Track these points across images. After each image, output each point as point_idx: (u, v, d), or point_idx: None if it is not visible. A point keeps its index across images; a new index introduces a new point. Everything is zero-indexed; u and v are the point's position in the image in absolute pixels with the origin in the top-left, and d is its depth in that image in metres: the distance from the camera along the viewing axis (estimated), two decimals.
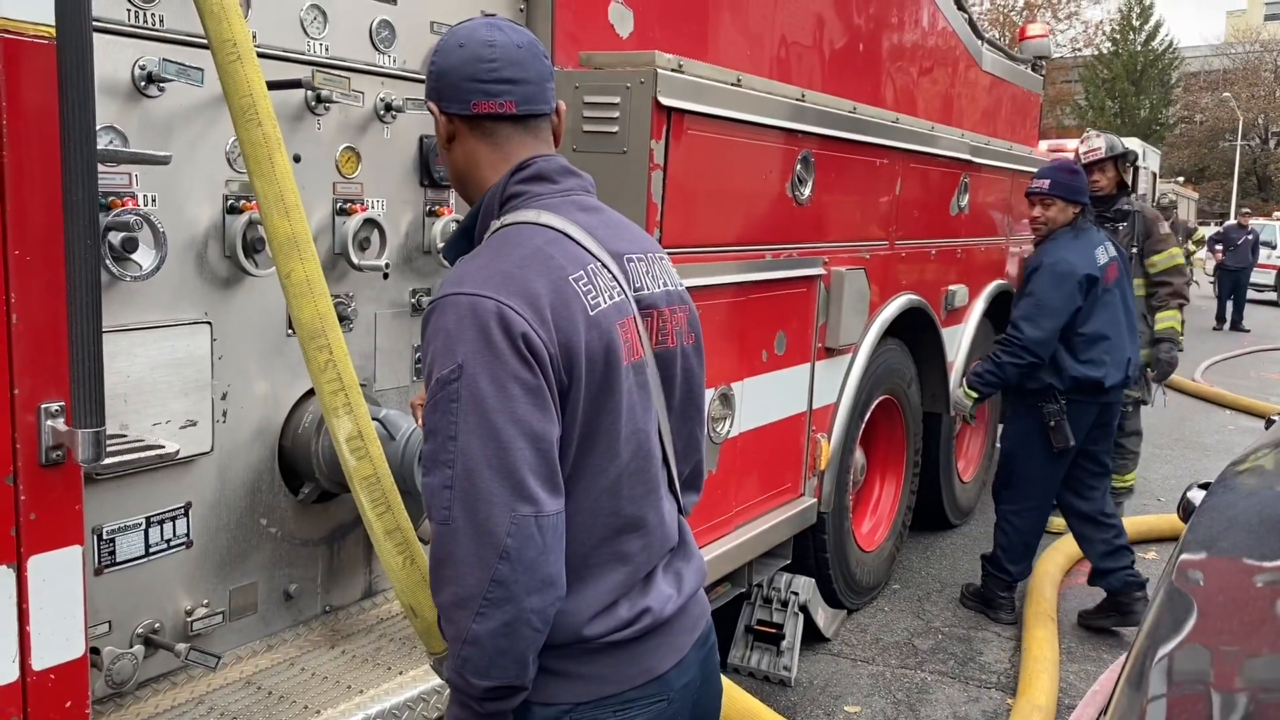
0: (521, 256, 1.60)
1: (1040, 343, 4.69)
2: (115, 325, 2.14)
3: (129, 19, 2.13)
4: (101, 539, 2.19)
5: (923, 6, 5.31)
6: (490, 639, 1.51)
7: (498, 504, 1.49)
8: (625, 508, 1.68)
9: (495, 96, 1.68)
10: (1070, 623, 5.01)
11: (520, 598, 1.51)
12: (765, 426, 3.87)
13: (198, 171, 2.31)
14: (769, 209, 3.68)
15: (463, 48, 1.69)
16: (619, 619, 1.66)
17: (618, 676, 1.67)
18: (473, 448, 1.50)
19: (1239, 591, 1.39)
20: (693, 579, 1.82)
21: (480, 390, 1.50)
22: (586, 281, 1.62)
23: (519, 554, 1.49)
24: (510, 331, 1.52)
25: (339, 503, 2.72)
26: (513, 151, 1.73)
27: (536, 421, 1.52)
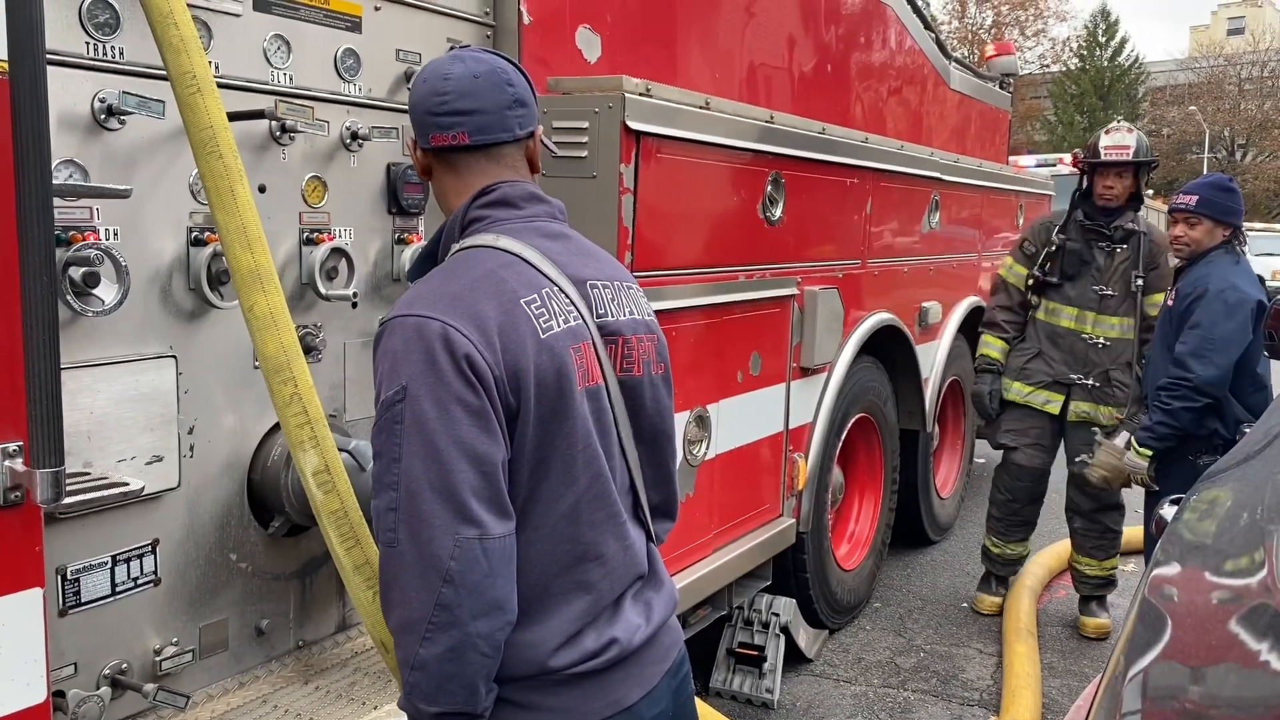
0: (472, 279, 1.61)
1: (1215, 381, 4.02)
2: (78, 361, 2.11)
3: (88, 51, 2.11)
4: (65, 579, 2.15)
5: (890, 27, 5.36)
6: (436, 664, 1.49)
7: (440, 526, 1.48)
8: (585, 534, 1.66)
9: (448, 129, 1.70)
10: (1051, 637, 5.01)
11: (465, 621, 1.49)
12: (742, 448, 3.86)
13: (161, 204, 2.28)
14: (741, 230, 3.69)
15: (425, 82, 1.72)
16: (584, 650, 1.65)
17: (585, 709, 1.65)
18: (415, 470, 1.49)
19: (1209, 607, 1.39)
20: (662, 608, 1.80)
21: (423, 412, 1.50)
22: (540, 305, 1.62)
23: (463, 577, 1.48)
24: (454, 353, 1.52)
25: (310, 536, 2.69)
26: (474, 180, 1.74)
27: (480, 444, 1.52)
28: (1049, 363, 5.03)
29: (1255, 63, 45.27)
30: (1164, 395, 4.15)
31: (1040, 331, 5.08)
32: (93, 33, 2.12)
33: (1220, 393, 4.05)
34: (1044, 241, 5.04)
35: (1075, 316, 4.99)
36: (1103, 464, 4.51)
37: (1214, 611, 1.35)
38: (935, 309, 5.66)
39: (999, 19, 42.74)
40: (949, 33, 39.95)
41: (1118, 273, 4.91)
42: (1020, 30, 43.07)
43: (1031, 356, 5.08)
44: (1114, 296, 4.92)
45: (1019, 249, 5.20)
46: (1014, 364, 5.12)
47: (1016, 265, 5.16)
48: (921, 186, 5.34)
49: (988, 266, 6.52)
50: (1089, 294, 4.95)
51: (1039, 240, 5.07)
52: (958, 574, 5.88)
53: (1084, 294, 4.96)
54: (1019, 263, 5.15)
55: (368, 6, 2.70)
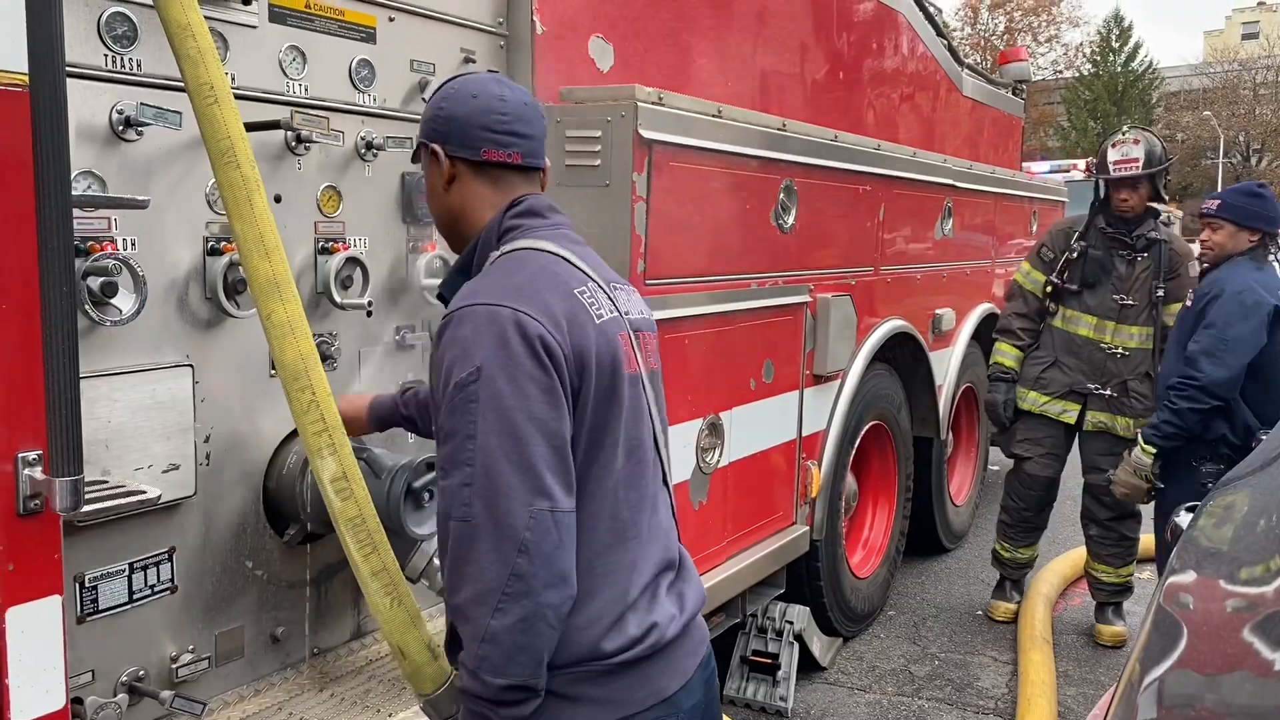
0: (529, 274, 1.69)
1: (1225, 383, 4.01)
2: (96, 370, 2.13)
3: (106, 64, 2.13)
4: (84, 587, 2.16)
5: (902, 34, 5.36)
6: (508, 634, 1.54)
7: (516, 498, 1.54)
8: (623, 512, 1.73)
9: (505, 147, 1.80)
10: (1067, 645, 4.98)
11: (538, 592, 1.55)
12: (755, 455, 3.86)
13: (178, 214, 2.30)
14: (753, 238, 3.69)
15: (476, 98, 1.80)
16: (629, 636, 1.69)
17: (629, 698, 1.70)
18: (492, 444, 1.55)
19: (1224, 615, 1.38)
20: (693, 599, 1.86)
21: (498, 389, 1.56)
22: (589, 295, 1.73)
23: (537, 548, 1.54)
24: (526, 335, 1.59)
25: (325, 544, 2.70)
26: (509, 195, 1.83)
27: (552, 420, 1.59)
28: (1065, 371, 4.99)
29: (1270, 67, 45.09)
30: (1172, 395, 4.14)
31: (1057, 340, 5.03)
32: (111, 45, 2.14)
33: (1228, 394, 4.03)
34: (1063, 247, 4.99)
35: (1094, 325, 4.94)
36: (1124, 481, 4.46)
37: (1229, 619, 1.35)
38: (949, 316, 5.65)
39: (1012, 25, 42.69)
40: (961, 39, 39.92)
41: (1139, 281, 4.85)
42: (1033, 36, 43.01)
43: (1048, 365, 5.03)
44: (1134, 306, 4.86)
45: (1037, 255, 5.12)
46: (1029, 373, 5.07)
47: (1035, 271, 5.09)
48: (934, 193, 5.33)
49: (1001, 273, 6.51)
50: (1109, 302, 4.89)
51: (1058, 246, 5.02)
52: (972, 582, 5.86)
53: (1104, 302, 4.90)
54: (1037, 269, 5.09)
55: (382, 17, 2.72)
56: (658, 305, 3.15)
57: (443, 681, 1.93)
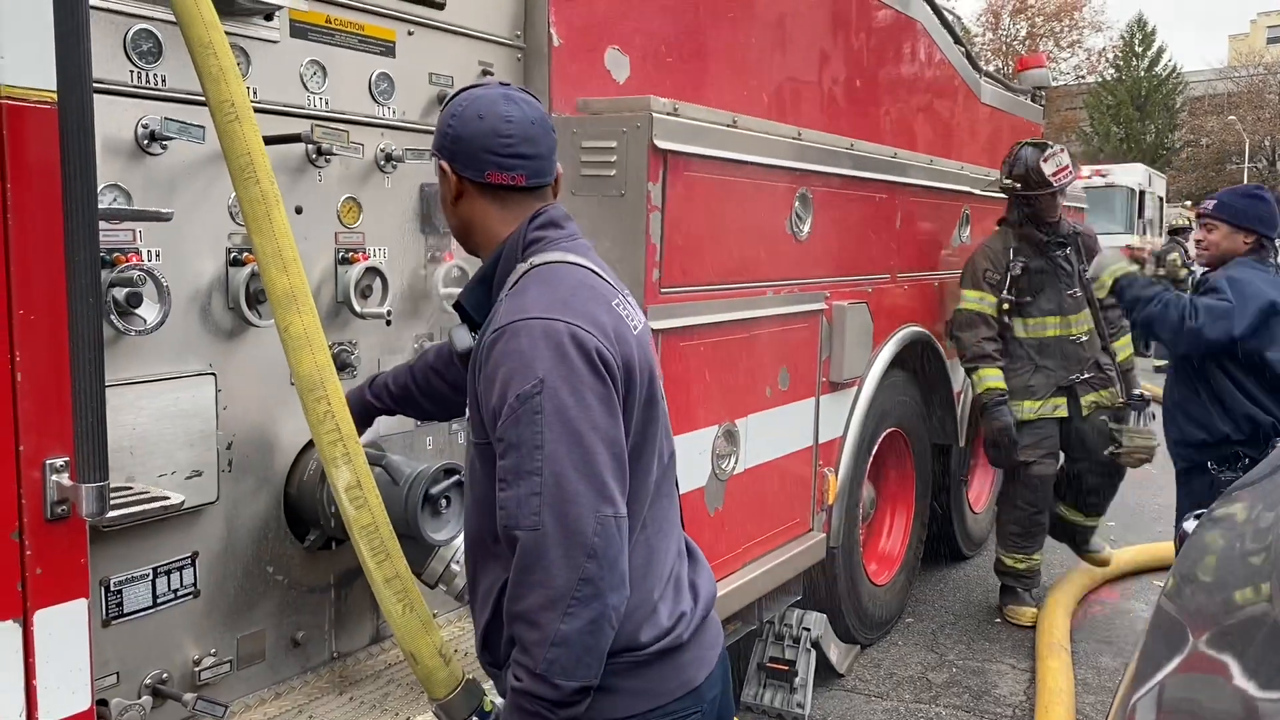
0: (570, 288, 1.75)
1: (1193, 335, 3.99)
2: (121, 379, 2.18)
3: (131, 80, 2.19)
4: (109, 590, 2.21)
5: (919, 41, 5.37)
6: (578, 636, 1.59)
7: (585, 505, 1.59)
8: (654, 509, 1.81)
9: (509, 170, 1.83)
10: (1085, 653, 4.97)
11: (606, 594, 1.60)
12: (771, 462, 3.88)
13: (201, 226, 2.35)
14: (769, 246, 3.72)
15: (482, 119, 1.82)
16: (661, 626, 1.76)
17: (661, 689, 1.76)
18: (560, 454, 1.60)
19: (1225, 621, 1.39)
20: (706, 590, 1.92)
21: (562, 400, 1.61)
22: (624, 307, 1.79)
23: (604, 552, 1.60)
24: (584, 347, 1.65)
25: (345, 549, 2.73)
26: (520, 213, 1.87)
27: (612, 428, 1.65)
28: (1047, 373, 5.24)
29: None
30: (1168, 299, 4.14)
31: (1027, 348, 5.26)
32: (136, 61, 2.19)
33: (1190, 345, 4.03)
34: (1005, 267, 5.21)
35: (1059, 323, 5.28)
36: (1132, 447, 4.71)
37: (1230, 625, 1.36)
38: None
39: (1033, 30, 42.49)
40: (983, 45, 39.79)
41: (1076, 272, 5.27)
42: (1055, 41, 42.79)
43: (1030, 372, 5.23)
44: (1078, 294, 5.28)
45: (983, 280, 5.20)
46: (1014, 385, 5.20)
47: (986, 295, 5.20)
48: (952, 200, 5.34)
49: None
50: (1065, 299, 5.27)
51: (1000, 266, 5.22)
52: (991, 589, 5.84)
53: (1061, 300, 5.27)
54: (986, 292, 5.20)
55: (401, 31, 2.77)
56: (673, 314, 3.18)
57: (455, 686, 1.97)
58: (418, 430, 2.91)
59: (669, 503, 1.89)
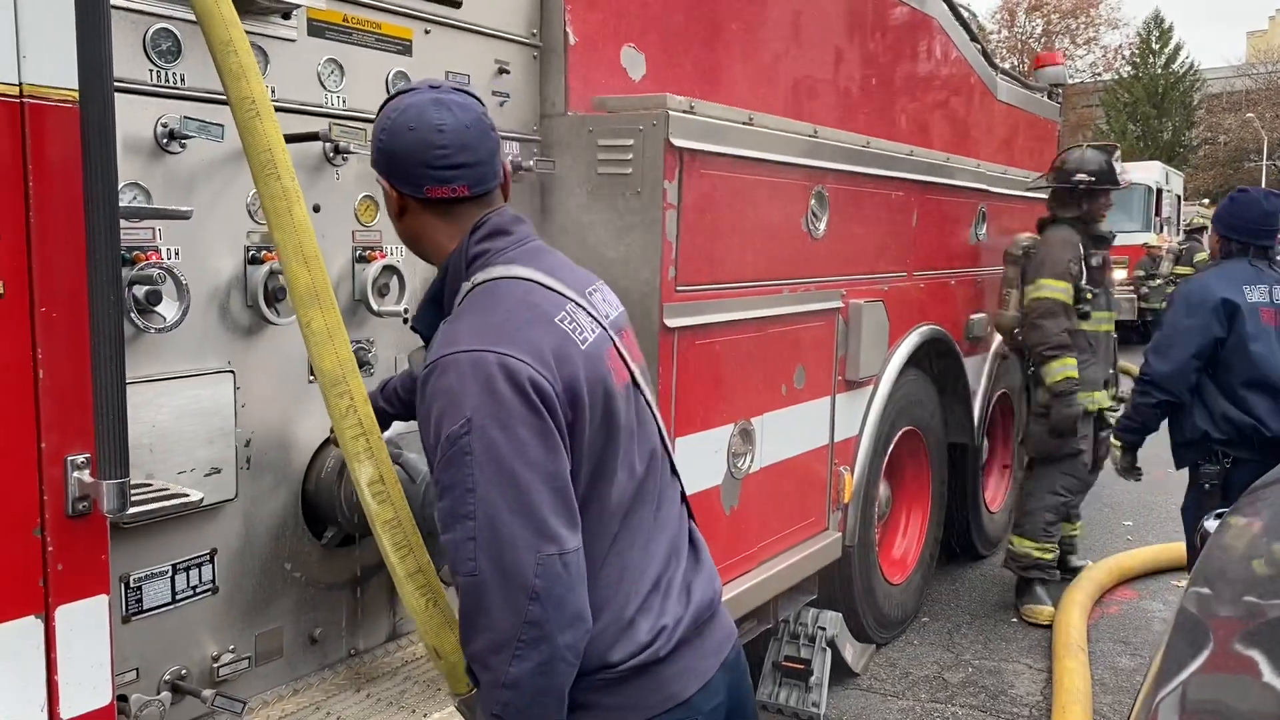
0: (507, 309, 1.67)
1: (1168, 376, 4.17)
2: (140, 376, 2.19)
3: (151, 79, 2.20)
4: (129, 587, 2.22)
5: (934, 39, 5.35)
6: (529, 679, 1.55)
7: (522, 547, 1.53)
8: (624, 526, 1.74)
9: (448, 182, 1.75)
10: (1103, 653, 4.94)
11: (554, 635, 1.55)
12: (787, 461, 3.87)
13: (219, 224, 2.36)
14: (785, 244, 3.71)
15: (413, 131, 1.73)
16: (638, 642, 1.70)
17: (643, 703, 1.71)
18: (492, 496, 1.54)
19: (1248, 621, 1.38)
20: (701, 592, 1.84)
21: (491, 439, 1.54)
22: (570, 320, 1.70)
23: (548, 592, 1.54)
24: (515, 379, 1.57)
25: (363, 546, 2.75)
26: (465, 223, 1.80)
27: (549, 462, 1.57)
28: (1097, 366, 5.39)
29: None
30: (1134, 390, 4.45)
31: (1089, 340, 5.35)
32: (155, 60, 2.20)
33: (1174, 387, 4.20)
34: (1080, 259, 5.29)
35: (1108, 318, 5.52)
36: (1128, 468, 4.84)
37: (1259, 624, 1.35)
38: (983, 321, 5.63)
39: (1049, 28, 42.30)
40: (998, 42, 39.62)
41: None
42: (1071, 39, 42.59)
43: (1090, 365, 5.34)
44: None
45: (1066, 271, 5.23)
46: (1089, 377, 5.30)
47: (1068, 286, 5.25)
48: (968, 198, 5.32)
49: None
50: (1111, 296, 5.57)
51: (1078, 259, 5.30)
52: (1007, 589, 5.82)
53: (1109, 297, 5.55)
54: (1069, 284, 5.24)
55: (418, 30, 2.77)
56: (689, 312, 3.17)
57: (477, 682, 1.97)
58: None
59: (651, 510, 1.81)
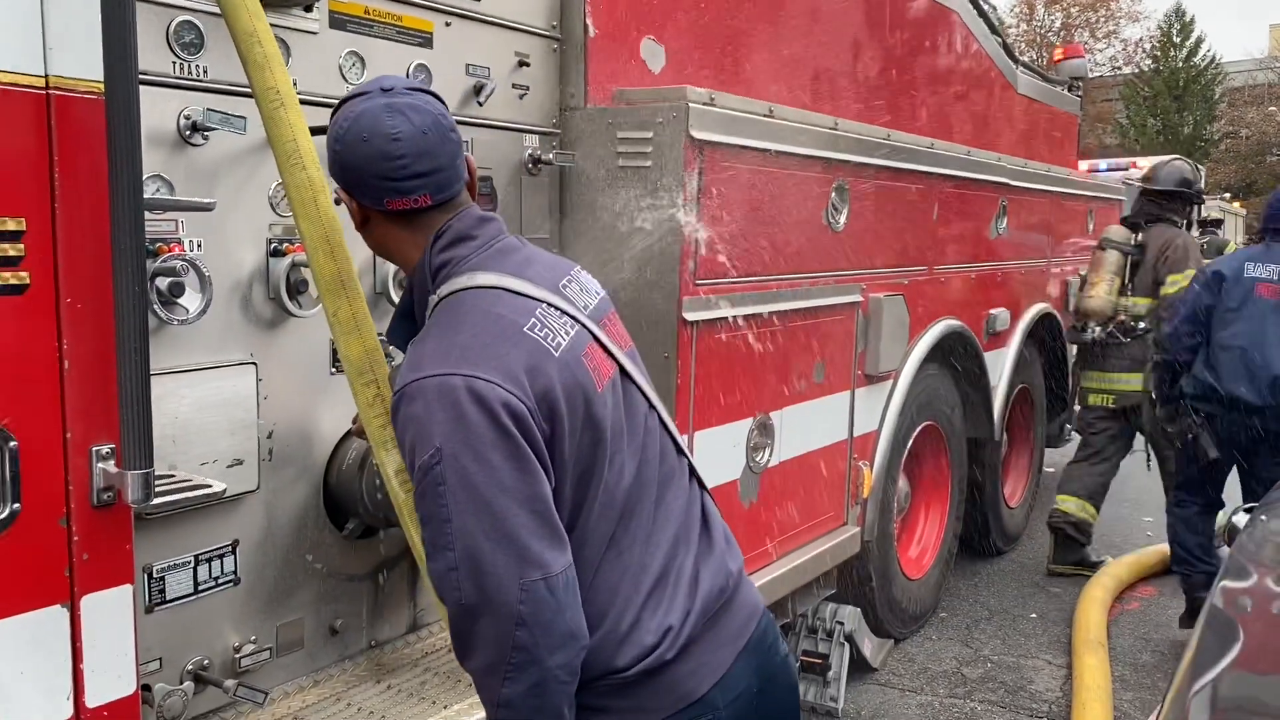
0: (473, 325, 1.62)
1: (1166, 337, 4.83)
2: (163, 368, 2.19)
3: (174, 71, 2.20)
4: (152, 577, 2.23)
5: (955, 32, 5.32)
6: (521, 700, 1.55)
7: (504, 575, 1.52)
8: (620, 526, 1.72)
9: (409, 194, 1.69)
10: (1123, 649, 4.92)
11: (543, 659, 1.54)
12: (805, 455, 3.86)
13: (242, 216, 2.37)
14: (804, 238, 3.69)
15: (367, 142, 1.67)
16: (643, 646, 1.68)
17: (655, 705, 1.70)
18: (469, 525, 1.52)
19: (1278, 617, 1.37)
20: (709, 581, 1.80)
21: (463, 467, 1.52)
22: (541, 327, 1.65)
23: (535, 618, 1.52)
24: (484, 402, 1.53)
25: (383, 538, 2.75)
26: (429, 231, 1.76)
27: (525, 485, 1.54)
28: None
29: None
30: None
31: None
32: (179, 52, 2.20)
33: (1171, 347, 4.79)
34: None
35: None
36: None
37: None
38: (1003, 316, 5.60)
39: (1069, 21, 41.98)
40: (1017, 35, 39.36)
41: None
42: (1091, 32, 42.26)
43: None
44: None
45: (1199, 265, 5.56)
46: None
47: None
48: (988, 192, 5.28)
49: (1056, 273, 6.43)
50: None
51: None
52: (1026, 584, 5.80)
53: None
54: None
55: (438, 22, 2.77)
56: (708, 305, 3.16)
57: None
58: None
59: (650, 503, 1.78)
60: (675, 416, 3.04)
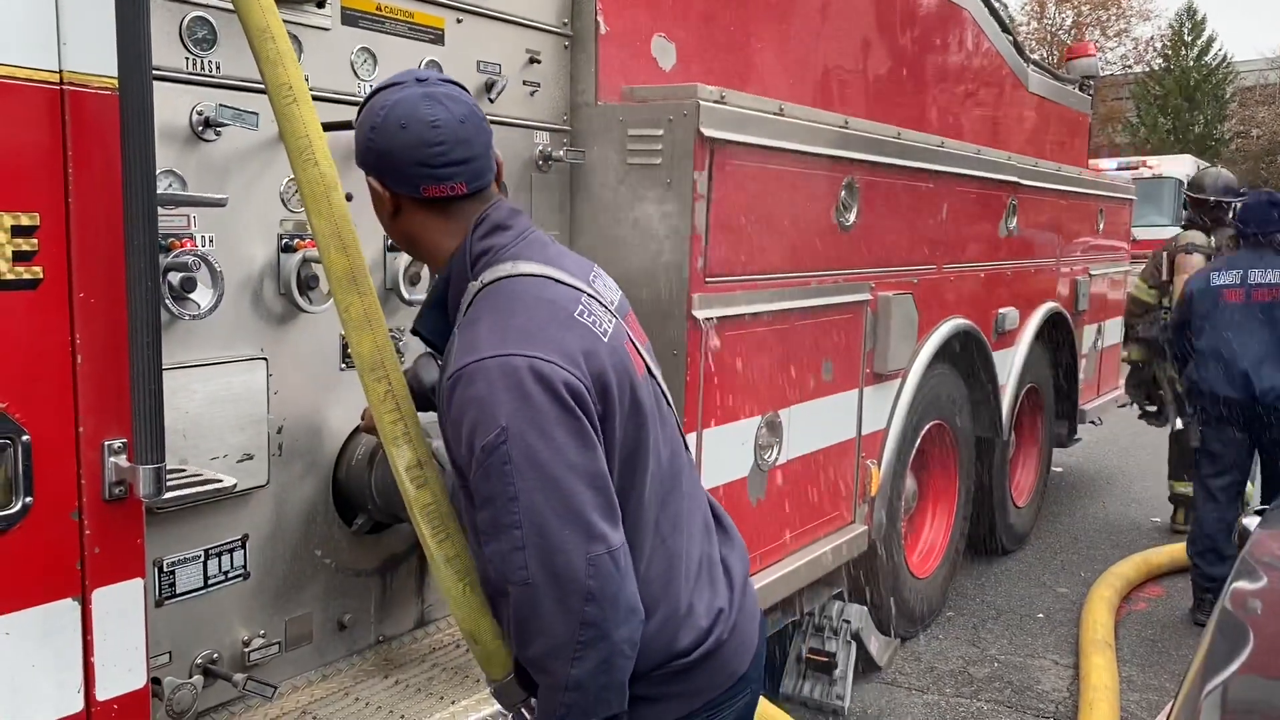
0: (526, 309, 1.64)
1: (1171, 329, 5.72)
2: (174, 363, 2.20)
3: (187, 66, 2.21)
4: (162, 571, 2.24)
5: (966, 29, 5.31)
6: (590, 678, 1.56)
7: (572, 550, 1.53)
8: (667, 509, 1.75)
9: (446, 180, 1.70)
10: (1130, 649, 4.91)
11: (611, 633, 1.55)
12: (814, 453, 3.86)
13: (253, 212, 2.37)
14: (814, 236, 3.69)
15: (405, 129, 1.68)
16: (700, 629, 1.73)
17: (710, 685, 1.75)
18: (536, 502, 1.53)
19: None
20: (739, 566, 1.89)
21: (529, 445, 1.53)
22: (589, 314, 1.68)
23: (602, 592, 1.54)
24: (547, 382, 1.55)
25: (392, 533, 2.76)
26: (465, 221, 1.77)
27: (589, 462, 1.57)
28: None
29: None
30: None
31: None
32: (192, 48, 2.21)
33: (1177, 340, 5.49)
34: None
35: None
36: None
37: None
38: (1012, 315, 5.58)
39: (1079, 19, 41.82)
40: (1028, 34, 39.22)
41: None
42: (1101, 30, 42.09)
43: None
44: None
45: None
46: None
47: None
48: (998, 191, 5.27)
49: (1066, 272, 6.42)
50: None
51: None
52: (1033, 584, 5.79)
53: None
54: None
55: (450, 19, 2.77)
56: (718, 303, 3.16)
57: (513, 668, 1.97)
58: None
59: (681, 490, 1.82)
60: (684, 414, 3.05)
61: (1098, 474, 8.14)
